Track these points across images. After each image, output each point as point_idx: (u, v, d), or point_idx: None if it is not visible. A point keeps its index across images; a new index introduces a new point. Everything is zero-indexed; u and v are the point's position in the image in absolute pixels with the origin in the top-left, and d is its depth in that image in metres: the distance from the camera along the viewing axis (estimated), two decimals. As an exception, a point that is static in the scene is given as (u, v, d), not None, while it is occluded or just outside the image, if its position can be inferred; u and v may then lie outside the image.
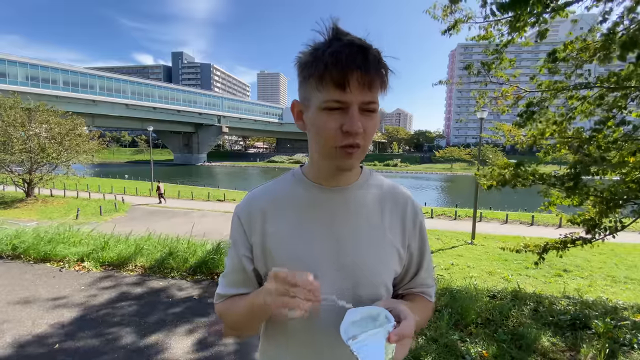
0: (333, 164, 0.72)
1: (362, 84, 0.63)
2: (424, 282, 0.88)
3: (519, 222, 17.73)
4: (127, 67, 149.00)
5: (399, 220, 0.81)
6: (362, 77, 0.63)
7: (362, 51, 0.63)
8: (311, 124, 0.70)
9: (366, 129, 0.66)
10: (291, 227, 0.76)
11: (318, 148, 0.71)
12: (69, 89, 50.54)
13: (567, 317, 3.22)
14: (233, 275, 0.83)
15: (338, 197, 0.77)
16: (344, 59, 0.61)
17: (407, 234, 0.82)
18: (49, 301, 3.63)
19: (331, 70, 0.62)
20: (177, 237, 5.67)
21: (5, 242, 5.11)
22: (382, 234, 0.78)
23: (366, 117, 0.66)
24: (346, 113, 0.65)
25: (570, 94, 3.69)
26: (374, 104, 0.66)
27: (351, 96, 0.63)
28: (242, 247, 0.79)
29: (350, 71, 0.62)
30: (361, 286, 0.76)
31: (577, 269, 9.93)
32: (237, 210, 0.82)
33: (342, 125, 0.65)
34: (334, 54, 0.62)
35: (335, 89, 0.63)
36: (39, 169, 19.40)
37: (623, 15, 3.00)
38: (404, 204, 0.83)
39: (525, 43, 3.71)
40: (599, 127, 3.29)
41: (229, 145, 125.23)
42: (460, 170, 66.86)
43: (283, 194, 0.80)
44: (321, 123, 0.67)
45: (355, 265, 0.75)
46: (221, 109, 77.82)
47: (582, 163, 3.29)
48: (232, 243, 0.82)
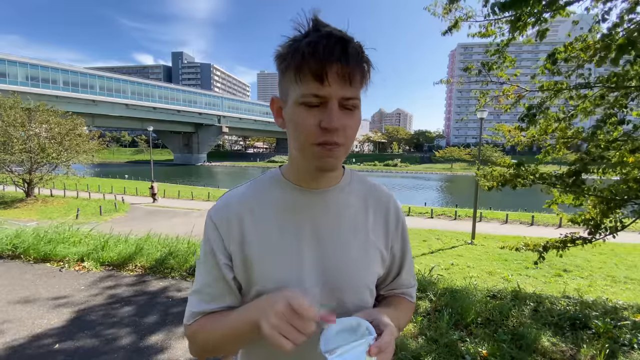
0: (313, 164, 0.67)
1: (342, 77, 0.60)
2: (405, 282, 0.87)
3: (519, 222, 17.74)
4: (127, 67, 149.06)
5: (382, 221, 0.79)
6: (342, 70, 0.59)
7: (342, 42, 0.59)
8: (289, 119, 0.66)
9: (346, 127, 0.63)
10: (271, 234, 0.72)
11: (297, 145, 0.67)
12: (69, 89, 50.55)
13: (567, 317, 3.22)
14: (212, 287, 0.74)
15: (320, 200, 0.74)
16: (322, 49, 0.58)
17: (390, 235, 0.80)
18: (49, 301, 3.63)
19: (309, 61, 0.59)
20: (177, 237, 5.67)
21: (5, 242, 5.10)
22: (366, 237, 0.76)
23: (346, 114, 0.63)
24: (325, 108, 0.61)
25: (571, 93, 3.69)
26: (355, 100, 0.63)
27: (330, 90, 0.60)
28: (221, 254, 0.72)
29: (330, 63, 0.58)
30: (346, 291, 0.73)
31: (577, 269, 9.93)
32: (211, 215, 0.74)
33: (321, 122, 0.61)
34: (311, 44, 0.59)
35: (314, 81, 0.60)
36: (39, 169, 19.41)
37: (622, 16, 3.00)
38: (386, 205, 0.81)
39: (527, 41, 3.71)
40: (599, 125, 3.29)
41: (229, 145, 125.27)
42: (460, 170, 66.86)
43: (261, 197, 0.75)
44: (299, 119, 0.63)
45: (339, 270, 0.73)
46: (221, 109, 77.83)
47: (582, 161, 3.30)
48: (208, 251, 0.73)
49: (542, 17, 3.05)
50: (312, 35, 0.60)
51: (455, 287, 4.12)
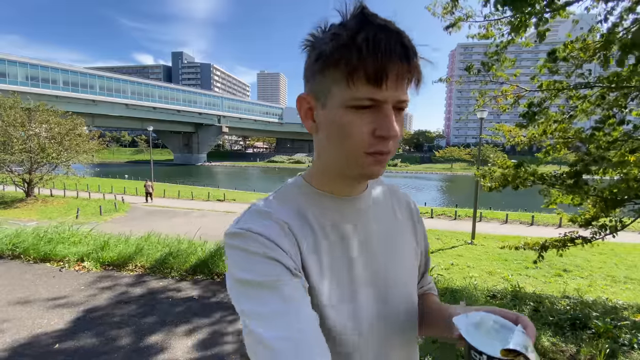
0: (357, 173, 0.59)
1: (402, 79, 0.53)
2: (429, 278, 0.86)
3: (519, 222, 17.73)
4: (127, 67, 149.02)
5: (409, 220, 0.77)
6: (402, 70, 0.52)
7: (401, 38, 0.52)
8: (330, 124, 0.57)
9: (399, 132, 0.56)
10: (317, 245, 0.61)
11: (340, 153, 0.57)
12: (69, 88, 50.56)
13: (567, 317, 3.22)
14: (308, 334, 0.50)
15: (355, 206, 0.67)
16: (384, 47, 0.50)
17: (417, 232, 0.78)
18: (49, 301, 3.63)
19: (367, 61, 0.50)
20: (177, 237, 5.67)
21: (5, 242, 5.11)
22: (403, 239, 0.73)
23: (398, 117, 0.56)
24: (378, 113, 0.54)
25: (571, 93, 3.69)
26: (407, 102, 0.56)
27: (387, 93, 0.52)
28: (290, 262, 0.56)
29: (391, 63, 0.51)
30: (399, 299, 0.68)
31: (577, 269, 9.93)
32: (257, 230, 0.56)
33: (376, 129, 0.54)
34: (370, 41, 0.50)
35: (369, 84, 0.52)
36: (39, 168, 19.39)
37: (622, 16, 3.00)
38: (407, 203, 0.79)
39: (526, 43, 3.72)
40: (599, 126, 3.29)
41: (229, 145, 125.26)
42: (460, 170, 66.87)
43: (299, 206, 0.64)
44: (347, 124, 0.54)
45: (391, 279, 0.68)
46: (221, 109, 77.84)
47: (582, 162, 3.30)
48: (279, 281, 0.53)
49: (543, 18, 3.05)
50: (366, 28, 0.52)
51: (455, 287, 4.12)
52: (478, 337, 0.54)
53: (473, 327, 0.56)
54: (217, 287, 4.13)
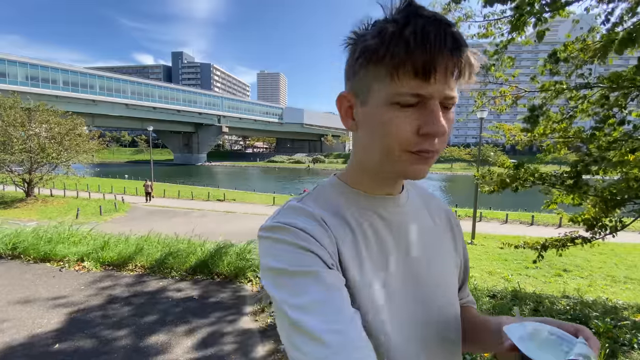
0: (396, 171, 0.56)
1: (451, 73, 0.49)
2: (467, 292, 0.80)
3: (519, 222, 17.75)
4: (127, 67, 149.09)
5: (448, 228, 0.73)
6: (452, 64, 0.49)
7: (450, 30, 0.49)
8: (371, 121, 0.54)
9: (447, 130, 0.53)
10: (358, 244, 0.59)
11: (382, 152, 0.55)
12: (69, 88, 50.58)
13: (567, 317, 3.22)
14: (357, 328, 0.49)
15: (392, 207, 0.64)
16: (433, 39, 0.47)
17: (457, 241, 0.73)
18: (49, 301, 3.63)
19: (414, 54, 0.48)
20: (177, 237, 5.67)
21: (5, 242, 5.11)
22: (442, 245, 0.69)
23: (446, 114, 0.53)
24: (424, 109, 0.51)
25: (571, 94, 3.69)
26: (456, 98, 0.53)
27: (434, 88, 0.49)
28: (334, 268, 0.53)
29: (441, 56, 0.48)
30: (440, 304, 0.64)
31: (577, 268, 9.93)
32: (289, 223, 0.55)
33: (421, 127, 0.51)
34: (418, 33, 0.47)
35: (416, 78, 0.49)
36: (38, 168, 19.40)
37: (623, 16, 3.00)
38: (445, 211, 0.75)
39: (525, 42, 3.71)
40: (599, 126, 3.29)
41: (229, 145, 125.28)
42: (460, 170, 66.87)
43: (335, 204, 0.62)
44: (389, 121, 0.52)
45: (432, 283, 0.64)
46: (221, 109, 77.85)
47: (583, 162, 3.30)
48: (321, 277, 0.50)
49: (542, 17, 3.05)
50: (414, 20, 0.49)
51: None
52: (532, 349, 0.50)
53: (527, 338, 0.52)
54: (217, 287, 4.13)
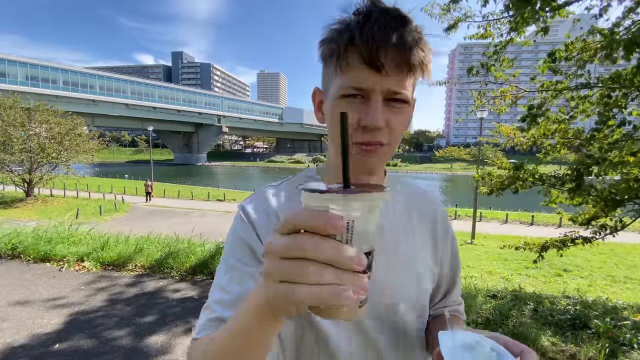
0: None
1: (396, 66, 0.50)
2: (456, 299, 0.78)
3: (518, 221, 17.74)
4: (127, 66, 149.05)
5: (428, 232, 0.70)
6: (398, 57, 0.49)
7: (400, 23, 0.49)
8: (328, 114, 0.57)
9: (391, 124, 0.53)
10: None
11: (335, 143, 0.59)
12: (69, 88, 50.57)
13: (567, 317, 3.22)
14: (240, 285, 0.56)
15: None
16: (373, 34, 0.48)
17: (439, 247, 0.71)
18: (49, 301, 3.63)
19: (357, 45, 0.49)
20: (177, 237, 5.67)
21: (5, 242, 5.11)
22: (412, 250, 0.66)
23: (393, 109, 0.53)
24: (366, 102, 0.52)
25: (571, 94, 3.69)
26: (405, 93, 0.52)
27: (376, 81, 0.50)
28: (257, 245, 0.59)
29: (383, 51, 0.48)
30: (396, 310, 0.63)
31: (577, 268, 9.93)
32: (245, 207, 0.63)
33: (361, 119, 0.52)
34: (361, 24, 0.48)
35: (358, 71, 0.50)
36: (38, 168, 19.39)
37: (624, 16, 3.00)
38: (434, 214, 0.72)
39: (525, 43, 3.71)
40: (599, 127, 3.29)
41: (228, 145, 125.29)
42: (460, 170, 66.87)
43: (297, 197, 0.64)
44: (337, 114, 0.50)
45: (388, 287, 0.62)
46: (221, 109, 77.85)
47: (584, 164, 3.29)
48: (238, 244, 0.60)
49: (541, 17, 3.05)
50: (363, 16, 0.50)
51: (455, 287, 4.12)
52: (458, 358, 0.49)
53: (463, 349, 0.51)
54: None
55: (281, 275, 0.30)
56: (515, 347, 0.52)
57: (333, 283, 0.29)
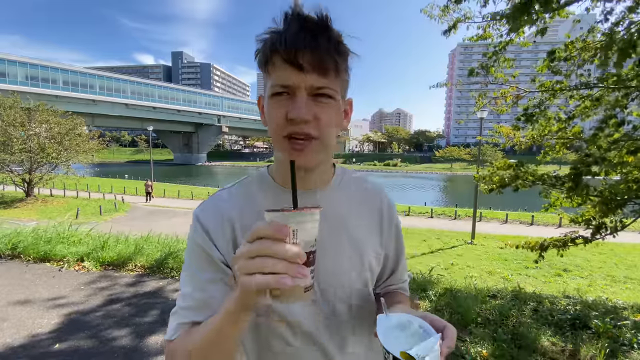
0: (286, 159, 0.63)
1: (312, 66, 0.56)
2: (400, 277, 0.87)
3: (518, 221, 17.74)
4: (127, 66, 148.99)
5: (376, 220, 0.78)
6: (312, 58, 0.56)
7: (314, 29, 0.56)
8: (266, 115, 0.64)
9: (318, 116, 0.59)
10: None
11: (272, 140, 0.64)
12: (68, 88, 50.56)
13: (567, 317, 3.22)
14: (203, 292, 0.65)
15: (308, 202, 0.68)
16: (291, 36, 0.56)
17: (384, 234, 0.78)
18: (49, 301, 3.63)
19: (277, 50, 0.57)
20: (177, 237, 5.67)
21: (5, 242, 5.10)
22: (358, 239, 0.73)
23: (319, 104, 0.59)
24: (292, 98, 0.58)
25: (571, 94, 3.69)
26: (328, 89, 0.59)
27: (298, 79, 0.57)
28: (215, 252, 0.66)
29: (298, 50, 0.56)
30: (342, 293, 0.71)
31: (577, 268, 9.93)
32: (199, 216, 0.68)
33: (288, 112, 0.58)
34: (281, 33, 0.57)
35: (282, 71, 0.57)
36: (38, 168, 19.39)
37: (623, 16, 2.99)
38: (379, 204, 0.79)
39: (524, 43, 3.71)
40: (600, 126, 3.29)
41: (228, 145, 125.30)
42: (460, 170, 66.87)
43: (250, 200, 0.71)
44: (269, 111, 0.61)
45: (333, 275, 0.70)
46: (221, 109, 77.86)
47: (583, 163, 3.29)
48: (197, 253, 0.67)
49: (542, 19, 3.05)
50: (284, 25, 0.58)
51: (456, 287, 4.12)
52: (398, 338, 0.57)
53: (397, 329, 0.59)
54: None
55: (246, 269, 0.44)
56: (439, 323, 0.60)
57: (283, 272, 0.43)
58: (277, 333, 0.69)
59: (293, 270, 0.43)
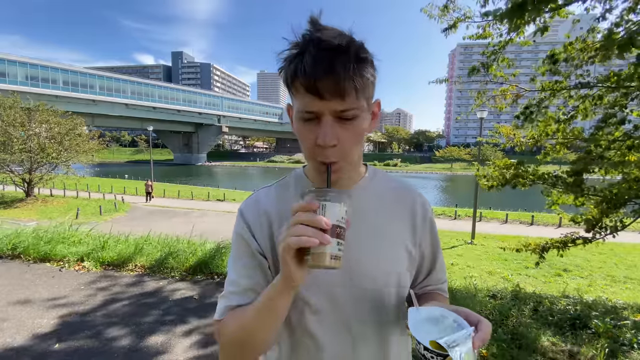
0: (317, 176, 0.72)
1: (335, 92, 0.57)
2: (439, 278, 0.87)
3: (518, 221, 17.73)
4: (127, 66, 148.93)
5: (408, 218, 0.78)
6: (334, 84, 0.57)
7: (332, 56, 0.57)
8: (295, 131, 0.67)
9: (341, 140, 0.61)
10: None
11: (305, 157, 0.69)
12: (68, 88, 50.56)
13: (567, 317, 3.22)
14: (248, 279, 0.72)
15: None
16: (310, 67, 0.56)
17: (417, 232, 0.79)
18: (49, 301, 3.63)
19: (300, 78, 0.58)
20: (177, 237, 5.67)
21: (5, 242, 5.10)
22: (389, 234, 0.75)
23: (343, 126, 0.61)
24: (319, 123, 0.61)
25: (570, 93, 3.69)
26: (352, 110, 0.60)
27: (323, 105, 0.59)
28: (254, 244, 0.73)
29: (319, 81, 0.57)
30: (375, 292, 0.73)
31: (577, 268, 9.93)
32: (242, 211, 0.77)
33: (317, 138, 0.61)
34: (302, 60, 0.57)
35: (307, 97, 0.59)
36: (38, 168, 19.40)
37: (623, 16, 2.99)
38: (412, 202, 0.80)
39: (524, 43, 3.71)
40: (600, 125, 3.29)
41: (228, 145, 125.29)
42: (460, 170, 66.85)
43: (287, 196, 0.77)
44: (300, 133, 0.65)
45: (366, 273, 0.72)
46: (221, 109, 77.84)
47: (583, 161, 3.29)
48: (241, 244, 0.75)
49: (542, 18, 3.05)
50: (303, 48, 0.58)
51: (456, 287, 4.12)
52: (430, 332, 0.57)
53: (430, 322, 0.60)
54: (217, 287, 4.13)
55: (284, 236, 0.56)
56: (473, 317, 0.60)
57: (312, 236, 0.53)
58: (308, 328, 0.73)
59: (319, 235, 0.53)
